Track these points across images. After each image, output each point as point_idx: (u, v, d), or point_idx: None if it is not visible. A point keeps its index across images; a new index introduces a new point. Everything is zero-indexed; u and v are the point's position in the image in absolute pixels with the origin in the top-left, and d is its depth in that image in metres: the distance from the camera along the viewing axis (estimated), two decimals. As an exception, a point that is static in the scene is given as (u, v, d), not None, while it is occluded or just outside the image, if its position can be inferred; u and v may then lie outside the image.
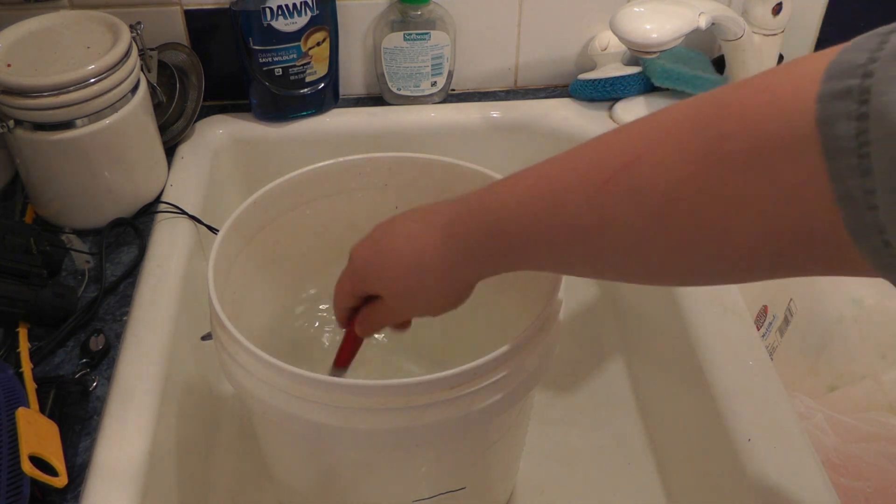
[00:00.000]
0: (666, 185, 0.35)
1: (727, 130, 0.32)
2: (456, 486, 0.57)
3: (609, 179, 0.37)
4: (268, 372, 0.48)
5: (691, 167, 0.34)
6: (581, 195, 0.38)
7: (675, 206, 0.35)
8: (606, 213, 0.37)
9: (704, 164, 0.33)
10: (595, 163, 0.38)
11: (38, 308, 0.62)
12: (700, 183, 0.33)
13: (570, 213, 0.39)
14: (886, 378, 0.73)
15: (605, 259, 0.40)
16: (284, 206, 0.64)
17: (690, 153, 0.34)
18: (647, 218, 0.36)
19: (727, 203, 0.33)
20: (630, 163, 0.36)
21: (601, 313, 0.86)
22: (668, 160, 0.35)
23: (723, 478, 0.58)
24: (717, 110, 0.34)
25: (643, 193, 0.35)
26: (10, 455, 0.50)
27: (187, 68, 0.83)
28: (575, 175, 0.39)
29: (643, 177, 0.35)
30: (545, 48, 0.89)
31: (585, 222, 0.38)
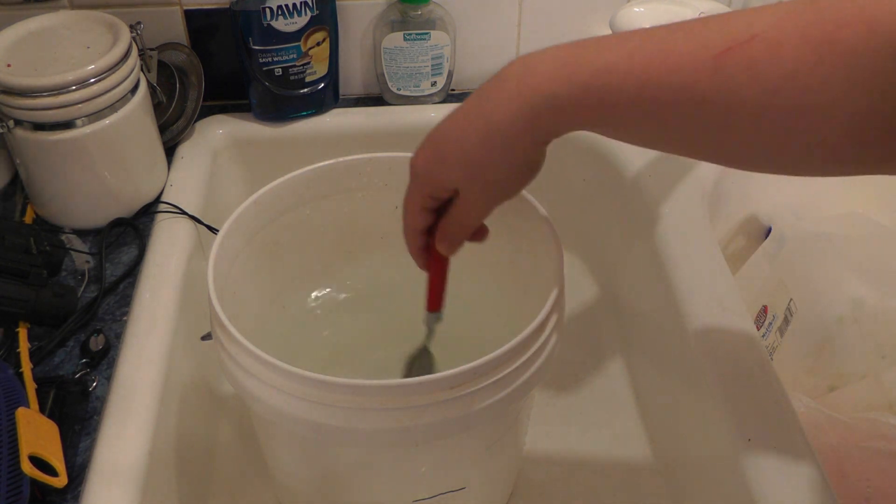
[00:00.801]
0: (784, 62, 0.36)
1: (845, 18, 0.35)
2: (456, 486, 0.57)
3: (729, 50, 0.38)
4: (268, 372, 0.48)
5: (809, 49, 0.36)
6: (698, 62, 0.38)
7: (790, 83, 0.36)
8: (722, 81, 0.38)
9: (822, 48, 0.35)
10: (713, 34, 0.38)
11: (38, 308, 0.62)
12: (816, 65, 0.36)
13: (685, 76, 0.39)
14: (886, 378, 0.73)
15: (708, 130, 0.40)
16: (284, 206, 0.64)
17: (810, 37, 0.36)
18: (761, 91, 0.37)
19: (836, 89, 0.35)
20: (750, 38, 0.37)
21: (601, 313, 0.86)
22: (787, 41, 0.36)
23: (723, 477, 0.58)
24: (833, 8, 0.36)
25: (761, 67, 0.37)
26: (9, 455, 0.50)
27: (187, 68, 0.83)
28: (690, 42, 0.39)
29: (763, 52, 0.37)
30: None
31: (699, 87, 0.38)
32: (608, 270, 0.87)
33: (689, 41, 0.39)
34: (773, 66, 0.37)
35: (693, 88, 0.39)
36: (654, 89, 0.40)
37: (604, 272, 0.88)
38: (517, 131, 0.43)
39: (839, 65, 0.35)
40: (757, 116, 0.38)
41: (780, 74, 0.37)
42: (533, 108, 0.42)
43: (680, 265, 0.69)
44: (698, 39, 0.39)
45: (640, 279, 0.78)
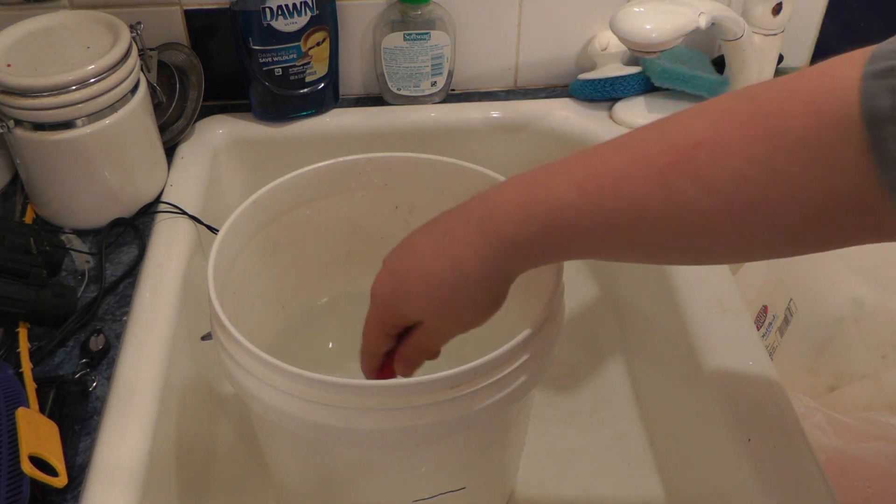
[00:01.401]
0: (731, 165, 0.36)
1: (789, 109, 0.35)
2: (456, 486, 0.57)
3: (674, 163, 0.38)
4: (268, 372, 0.48)
5: (756, 146, 0.36)
6: (644, 180, 0.39)
7: (741, 184, 0.36)
8: (672, 196, 0.38)
9: (769, 142, 0.36)
10: (654, 148, 0.39)
11: (38, 308, 0.62)
12: (766, 161, 0.36)
13: (634, 198, 0.39)
14: (886, 378, 0.73)
15: (668, 242, 0.41)
16: (284, 206, 0.64)
17: (755, 133, 0.36)
18: (714, 198, 0.37)
19: (790, 178, 0.35)
20: (694, 146, 0.37)
21: (601, 313, 0.86)
22: (733, 142, 0.37)
23: (723, 478, 0.58)
24: (777, 93, 0.36)
25: (709, 174, 0.37)
26: (9, 455, 0.50)
27: (187, 68, 0.83)
28: (634, 161, 0.39)
29: (709, 159, 0.37)
30: (545, 48, 0.89)
31: (650, 206, 0.39)
32: (608, 270, 0.87)
33: (633, 159, 0.39)
34: (720, 170, 0.37)
35: (645, 209, 0.39)
36: (607, 215, 0.40)
37: (604, 272, 0.88)
38: (483, 274, 0.44)
39: (790, 155, 0.35)
40: (714, 221, 0.38)
41: (729, 177, 0.37)
42: (498, 252, 0.43)
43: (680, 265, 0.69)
44: (641, 156, 0.39)
45: (640, 279, 0.78)
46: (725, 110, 0.38)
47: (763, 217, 0.37)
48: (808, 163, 0.35)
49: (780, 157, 0.35)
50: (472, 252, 0.44)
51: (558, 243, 0.43)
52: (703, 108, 0.39)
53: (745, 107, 0.37)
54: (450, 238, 0.45)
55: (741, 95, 0.38)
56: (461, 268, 0.44)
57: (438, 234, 0.46)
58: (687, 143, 0.38)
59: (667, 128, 0.39)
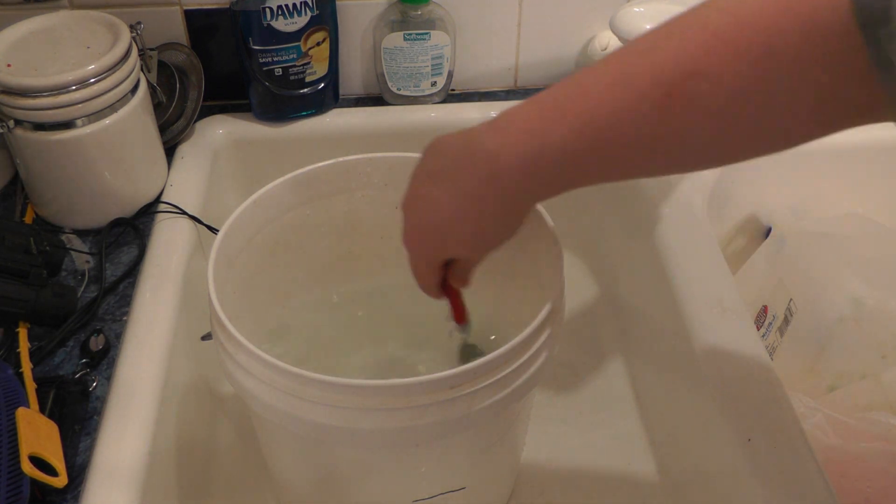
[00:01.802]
0: (726, 91, 0.37)
1: (783, 26, 0.35)
2: (456, 486, 0.57)
3: (669, 94, 0.38)
4: (268, 372, 0.48)
5: (747, 69, 0.36)
6: (643, 116, 0.39)
7: (741, 104, 0.37)
8: (672, 126, 0.39)
9: (760, 64, 0.36)
10: (649, 80, 0.39)
11: (38, 308, 0.62)
12: (758, 81, 0.37)
13: (636, 133, 0.40)
14: (886, 378, 0.73)
15: (675, 160, 0.42)
16: (284, 206, 0.64)
17: (751, 55, 0.36)
18: (712, 122, 0.38)
19: (785, 93, 0.36)
20: (688, 76, 0.38)
21: (601, 313, 0.86)
22: (725, 67, 0.37)
23: (723, 478, 0.58)
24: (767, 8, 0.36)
25: (706, 101, 0.38)
26: (9, 455, 0.50)
27: (187, 68, 0.83)
28: (628, 98, 0.40)
29: (703, 88, 0.38)
30: (545, 48, 0.89)
31: (653, 136, 0.40)
32: (608, 270, 0.87)
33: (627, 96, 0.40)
34: (718, 94, 0.37)
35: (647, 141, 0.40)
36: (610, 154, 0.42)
37: (604, 272, 0.88)
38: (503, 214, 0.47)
39: (788, 71, 0.36)
40: (718, 136, 0.39)
41: (727, 97, 0.37)
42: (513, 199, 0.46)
43: (680, 265, 0.69)
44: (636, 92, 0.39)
45: (640, 279, 0.78)
46: (716, 33, 0.38)
47: (766, 124, 0.38)
48: (806, 75, 0.36)
49: (778, 75, 0.36)
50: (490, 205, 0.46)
51: (568, 182, 0.45)
52: (690, 26, 0.39)
53: (735, 25, 0.37)
54: (464, 191, 0.46)
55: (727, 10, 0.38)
56: (483, 218, 0.47)
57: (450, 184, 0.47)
58: (680, 73, 0.38)
59: (656, 56, 0.39)
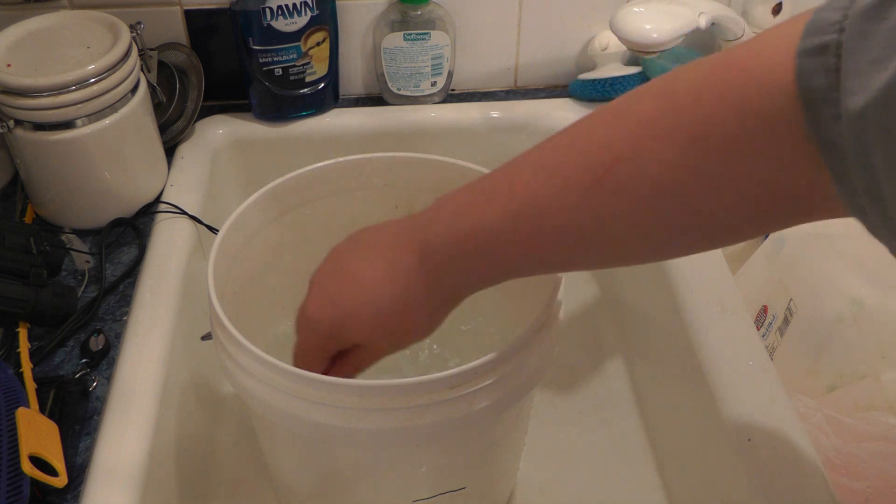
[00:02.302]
0: (655, 177, 0.36)
1: (708, 114, 0.34)
2: (456, 486, 0.57)
3: (596, 182, 0.37)
4: (268, 372, 0.48)
5: (677, 155, 0.35)
6: (569, 201, 0.38)
7: (666, 194, 0.36)
8: (598, 212, 0.38)
9: (690, 151, 0.34)
10: (576, 166, 0.38)
11: (38, 308, 0.62)
12: (689, 170, 0.35)
13: (563, 219, 0.39)
14: (886, 378, 0.73)
15: (603, 252, 0.40)
16: (284, 205, 0.64)
17: (674, 143, 0.35)
18: (640, 210, 0.37)
19: (718, 181, 0.34)
20: (615, 161, 0.36)
21: (601, 313, 0.86)
22: (652, 155, 0.35)
23: (723, 478, 0.58)
24: (693, 95, 0.34)
25: (633, 188, 0.36)
26: (10, 455, 0.50)
27: (187, 68, 0.83)
28: (557, 181, 0.39)
29: (631, 174, 0.36)
30: (545, 48, 0.89)
31: (579, 224, 0.38)
32: (608, 270, 0.87)
33: (555, 182, 0.39)
34: (645, 184, 0.36)
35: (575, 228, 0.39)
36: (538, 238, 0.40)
37: (604, 272, 0.88)
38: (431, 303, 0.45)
39: (718, 157, 0.34)
40: (647, 229, 0.38)
41: (655, 189, 0.36)
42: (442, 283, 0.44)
43: (680, 265, 0.69)
44: (562, 178, 0.38)
45: (640, 279, 0.78)
46: (643, 118, 0.36)
47: (698, 215, 0.36)
48: (741, 161, 0.33)
49: (709, 161, 0.34)
50: (418, 283, 0.44)
51: (495, 271, 0.43)
52: (618, 113, 0.38)
53: (664, 110, 0.35)
54: (392, 265, 0.44)
55: (658, 95, 0.36)
56: (408, 297, 0.45)
57: (377, 258, 0.45)
58: (606, 159, 0.37)
59: (584, 143, 0.38)
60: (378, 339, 0.47)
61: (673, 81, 0.36)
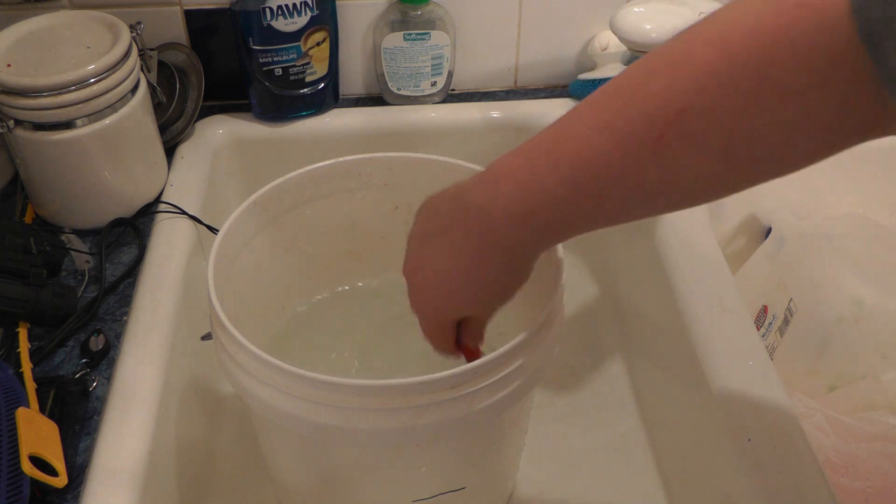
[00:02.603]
0: (723, 125, 0.35)
1: (775, 53, 0.33)
2: (456, 486, 0.57)
3: (661, 136, 0.36)
4: (268, 372, 0.48)
5: (748, 100, 0.34)
6: (637, 161, 0.38)
7: (738, 140, 0.35)
8: (669, 167, 0.37)
9: (759, 95, 0.34)
10: (640, 122, 0.37)
11: (38, 308, 0.62)
12: (759, 113, 0.34)
13: (633, 178, 0.38)
14: (886, 378, 0.73)
15: (677, 198, 0.40)
16: (284, 206, 0.64)
17: (742, 89, 0.34)
18: (712, 159, 0.36)
19: (789, 123, 0.34)
20: (681, 112, 0.36)
21: (601, 313, 0.86)
22: (720, 102, 0.35)
23: (723, 478, 0.58)
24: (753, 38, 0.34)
25: (702, 138, 0.36)
26: (9, 455, 0.50)
27: (187, 68, 0.83)
28: (621, 143, 0.38)
29: (699, 124, 0.36)
30: (545, 48, 0.89)
31: (651, 180, 0.38)
32: (608, 270, 0.87)
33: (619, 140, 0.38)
34: (713, 131, 0.35)
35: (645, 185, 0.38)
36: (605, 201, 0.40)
37: (604, 272, 0.88)
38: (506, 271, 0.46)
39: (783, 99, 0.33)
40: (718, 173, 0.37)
41: (723, 133, 0.35)
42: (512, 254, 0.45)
43: (680, 265, 0.69)
44: (626, 134, 0.38)
45: (640, 279, 0.78)
46: (703, 66, 0.35)
47: (767, 155, 0.36)
48: (805, 101, 0.33)
49: (775, 105, 0.34)
50: (488, 266, 0.45)
51: (567, 231, 0.43)
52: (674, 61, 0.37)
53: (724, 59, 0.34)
54: (462, 251, 0.45)
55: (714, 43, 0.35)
56: (484, 280, 0.46)
57: (447, 245, 0.46)
58: (671, 113, 0.36)
59: (643, 97, 0.37)
60: (476, 310, 0.49)
61: (727, 23, 0.35)
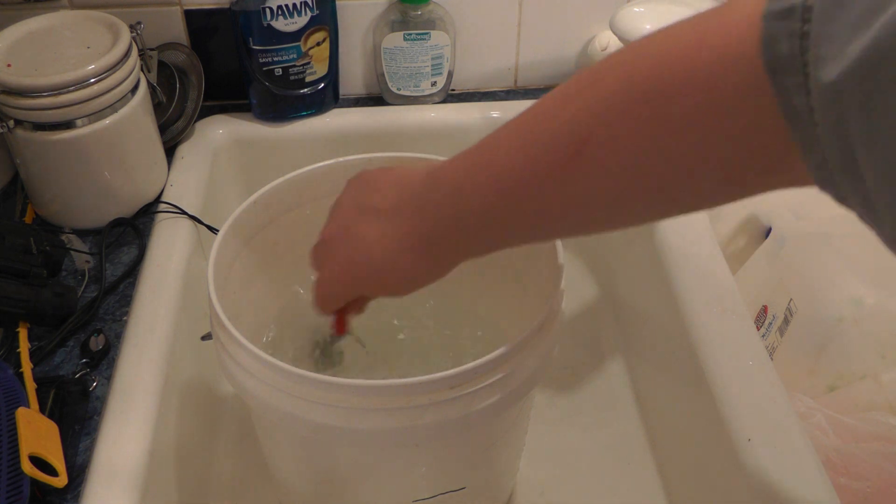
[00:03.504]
0: (624, 155, 0.36)
1: (681, 82, 0.33)
2: (456, 486, 0.57)
3: (566, 165, 0.37)
4: (268, 372, 0.48)
5: (646, 133, 0.34)
6: (547, 177, 0.39)
7: (638, 170, 0.36)
8: (571, 192, 0.38)
9: (657, 128, 0.34)
10: (550, 144, 0.38)
11: (38, 308, 0.62)
12: (658, 146, 0.34)
13: (544, 195, 0.39)
14: (886, 378, 0.73)
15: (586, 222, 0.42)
16: (284, 206, 0.64)
17: (640, 121, 0.34)
18: (612, 188, 0.37)
19: (690, 153, 0.34)
20: (583, 142, 0.36)
21: (601, 313, 0.86)
22: (620, 134, 0.35)
23: (723, 478, 0.58)
24: (656, 70, 0.34)
25: (603, 168, 0.37)
26: (10, 455, 0.50)
27: (187, 68, 0.83)
28: (533, 159, 0.39)
29: (600, 154, 0.36)
30: (545, 48, 0.89)
31: (561, 199, 0.39)
32: (608, 270, 0.87)
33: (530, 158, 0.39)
34: (615, 158, 0.36)
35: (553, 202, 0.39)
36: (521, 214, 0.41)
37: (604, 272, 0.88)
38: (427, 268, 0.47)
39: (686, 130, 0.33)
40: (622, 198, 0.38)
41: (625, 160, 0.36)
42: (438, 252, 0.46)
43: (680, 265, 0.69)
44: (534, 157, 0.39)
45: (640, 279, 0.78)
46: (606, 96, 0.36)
47: (672, 186, 0.36)
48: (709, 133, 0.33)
49: (677, 135, 0.34)
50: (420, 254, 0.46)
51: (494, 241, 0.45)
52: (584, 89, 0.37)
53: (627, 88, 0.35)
54: (397, 238, 0.47)
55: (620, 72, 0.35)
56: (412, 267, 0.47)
57: (384, 227, 0.47)
58: (576, 138, 0.37)
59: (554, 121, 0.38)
60: (384, 294, 0.50)
61: (635, 56, 0.36)
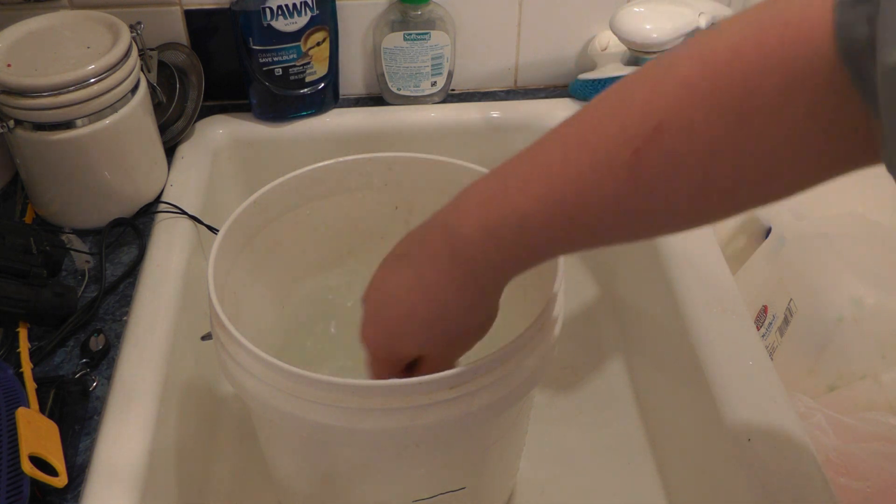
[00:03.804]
0: (703, 144, 0.34)
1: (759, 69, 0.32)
2: (456, 486, 0.57)
3: (637, 152, 0.35)
4: (268, 372, 0.48)
5: (722, 119, 0.33)
6: (611, 178, 0.36)
7: (718, 158, 0.34)
8: (644, 184, 0.36)
9: (738, 117, 0.33)
10: (618, 139, 0.36)
11: (38, 308, 0.62)
12: (738, 135, 0.33)
13: (608, 195, 0.37)
14: (886, 378, 0.73)
15: (652, 222, 0.39)
16: (284, 206, 0.64)
17: (718, 107, 0.33)
18: (689, 177, 0.35)
19: (771, 140, 0.33)
20: (657, 129, 0.34)
21: (601, 313, 0.86)
22: (696, 122, 0.34)
23: (723, 478, 0.58)
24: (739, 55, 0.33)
25: (680, 156, 0.35)
26: (10, 455, 0.50)
27: (187, 68, 0.83)
28: (600, 157, 0.36)
29: (676, 142, 0.34)
30: (545, 48, 0.89)
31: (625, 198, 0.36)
32: (608, 270, 0.87)
33: (594, 157, 0.36)
34: (692, 148, 0.34)
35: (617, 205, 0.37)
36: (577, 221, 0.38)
37: (604, 272, 0.88)
38: (469, 303, 0.43)
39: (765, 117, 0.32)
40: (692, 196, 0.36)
41: (702, 151, 0.34)
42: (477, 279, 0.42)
43: (680, 265, 0.69)
44: (602, 151, 0.36)
45: (640, 279, 0.78)
46: (683, 83, 0.34)
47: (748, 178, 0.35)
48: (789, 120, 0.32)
49: (757, 122, 0.33)
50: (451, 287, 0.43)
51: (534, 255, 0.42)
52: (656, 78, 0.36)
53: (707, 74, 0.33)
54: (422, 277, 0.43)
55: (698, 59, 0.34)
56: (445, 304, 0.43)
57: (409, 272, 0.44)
58: (648, 128, 0.35)
59: (623, 114, 0.36)
60: (431, 347, 0.46)
61: (711, 41, 0.34)
